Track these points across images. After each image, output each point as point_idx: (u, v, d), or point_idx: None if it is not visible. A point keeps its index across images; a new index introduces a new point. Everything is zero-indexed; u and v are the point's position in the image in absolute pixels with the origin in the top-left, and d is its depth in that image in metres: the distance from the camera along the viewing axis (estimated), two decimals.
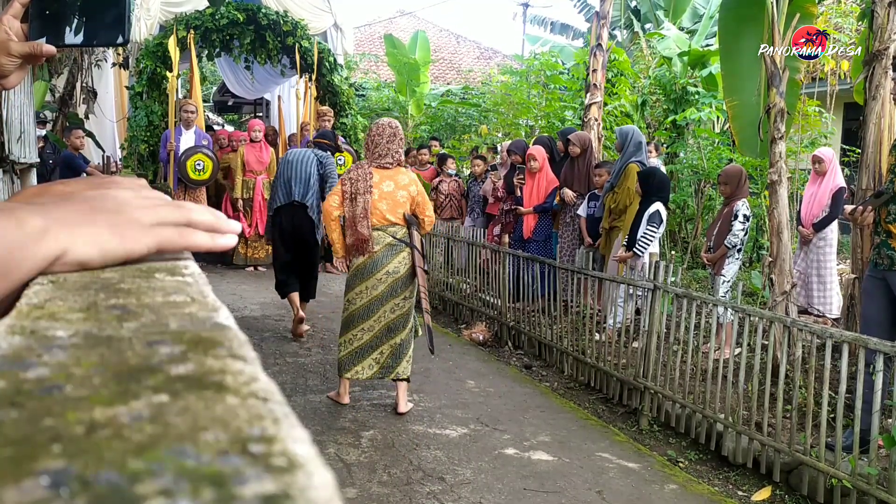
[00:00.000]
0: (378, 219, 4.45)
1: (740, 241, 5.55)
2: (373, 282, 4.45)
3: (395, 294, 4.48)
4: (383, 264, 4.45)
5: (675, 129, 9.26)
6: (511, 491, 3.60)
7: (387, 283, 4.45)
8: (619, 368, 5.16)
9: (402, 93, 14.27)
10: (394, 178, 4.50)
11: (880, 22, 4.81)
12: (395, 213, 4.47)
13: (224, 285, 7.99)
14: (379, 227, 4.46)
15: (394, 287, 4.47)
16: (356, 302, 4.50)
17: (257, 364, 0.31)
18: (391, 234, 4.47)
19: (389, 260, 4.46)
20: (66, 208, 0.46)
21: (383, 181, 4.47)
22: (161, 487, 0.21)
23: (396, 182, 4.49)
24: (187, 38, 8.94)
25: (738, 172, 5.73)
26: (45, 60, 0.89)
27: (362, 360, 4.50)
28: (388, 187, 4.47)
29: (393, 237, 4.47)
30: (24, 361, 0.29)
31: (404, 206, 4.49)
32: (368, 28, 22.94)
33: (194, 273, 0.46)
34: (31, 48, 0.88)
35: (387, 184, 4.47)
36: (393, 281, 4.46)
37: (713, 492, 3.87)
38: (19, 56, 0.87)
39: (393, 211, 4.47)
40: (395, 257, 4.47)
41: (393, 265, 4.46)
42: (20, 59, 0.88)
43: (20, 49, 0.87)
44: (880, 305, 3.98)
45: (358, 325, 4.48)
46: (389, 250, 4.47)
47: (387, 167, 4.50)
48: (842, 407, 3.68)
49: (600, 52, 7.78)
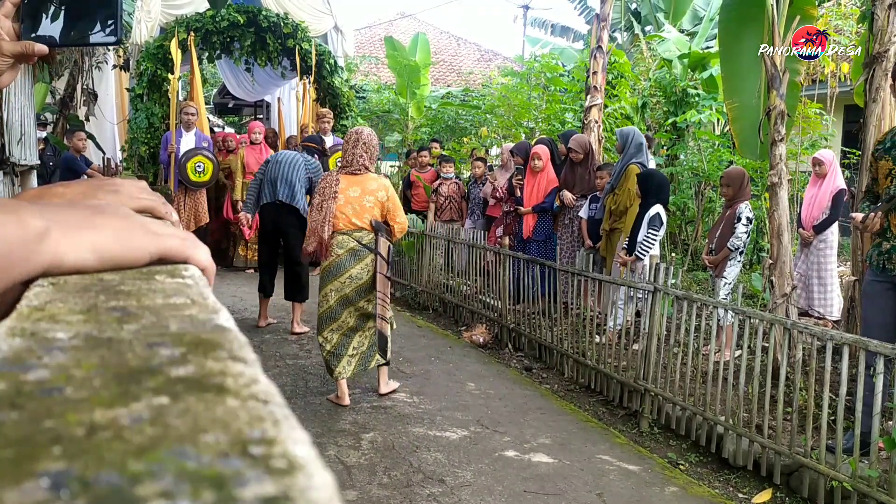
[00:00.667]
0: (344, 223, 4.53)
1: (742, 244, 5.54)
2: (337, 284, 4.57)
3: (360, 297, 4.60)
4: (346, 268, 4.55)
5: (676, 131, 9.26)
6: (511, 493, 3.60)
7: (351, 286, 4.56)
8: (619, 371, 5.16)
9: (403, 95, 14.27)
10: (361, 183, 4.57)
11: (880, 24, 4.81)
12: (361, 217, 4.54)
13: (224, 287, 7.99)
14: (345, 231, 4.54)
15: (358, 291, 4.58)
16: (323, 304, 4.64)
17: (257, 366, 0.31)
18: (356, 239, 4.54)
19: (353, 264, 4.55)
20: (71, 212, 0.46)
21: (350, 187, 4.56)
22: (161, 489, 0.21)
23: (364, 188, 4.56)
24: (188, 40, 8.95)
25: (741, 174, 5.72)
26: (37, 60, 0.89)
27: (340, 360, 4.61)
28: (355, 192, 4.55)
29: (358, 242, 4.53)
30: (24, 363, 0.29)
31: (371, 212, 4.55)
32: (369, 30, 22.97)
33: (194, 275, 0.46)
34: (23, 48, 0.88)
35: (353, 189, 4.55)
36: (357, 286, 4.56)
37: (714, 494, 3.87)
38: (11, 56, 0.87)
39: (359, 215, 4.53)
40: (358, 262, 4.55)
41: (356, 270, 4.55)
42: (12, 58, 0.88)
43: (12, 49, 0.87)
44: (883, 309, 3.97)
45: (328, 326, 4.61)
46: (353, 255, 4.55)
47: (354, 173, 4.58)
48: (842, 409, 3.68)
49: (600, 55, 7.78)
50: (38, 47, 0.88)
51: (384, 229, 4.56)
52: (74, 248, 0.43)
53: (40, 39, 0.90)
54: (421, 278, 8.18)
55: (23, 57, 0.88)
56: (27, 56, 0.88)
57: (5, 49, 0.87)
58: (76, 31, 0.92)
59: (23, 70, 5.24)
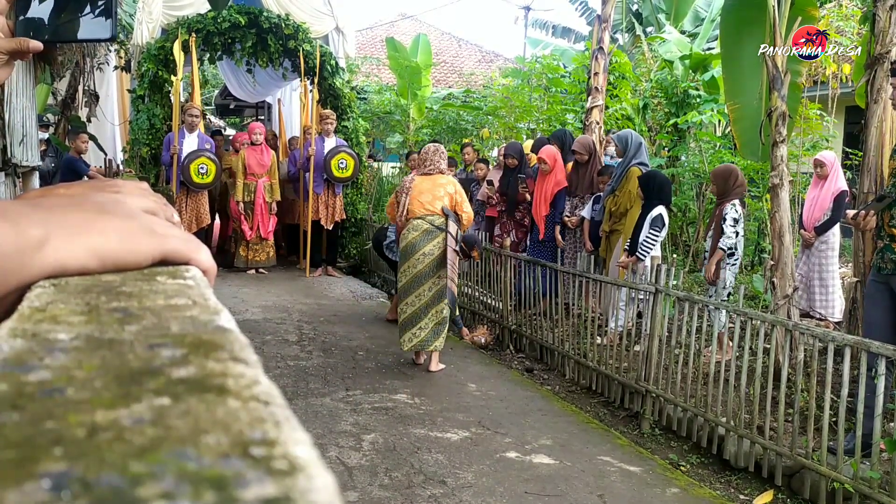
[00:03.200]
0: (419, 209, 5.41)
1: (735, 244, 5.50)
2: (413, 261, 5.40)
3: (433, 273, 5.38)
4: (420, 247, 5.37)
5: (677, 132, 9.26)
6: (512, 494, 3.60)
7: (424, 262, 5.37)
8: (620, 372, 5.15)
9: (404, 96, 14.28)
10: (433, 180, 5.52)
11: (882, 25, 4.81)
12: (434, 205, 5.40)
13: (225, 288, 8.00)
14: (419, 216, 5.40)
15: (431, 267, 5.37)
16: (402, 279, 5.50)
17: (259, 367, 0.31)
18: (429, 222, 5.39)
19: (426, 243, 5.37)
20: (73, 214, 0.45)
21: (423, 182, 5.50)
22: (162, 490, 0.21)
23: (435, 182, 5.49)
24: (189, 42, 8.95)
25: (725, 172, 5.67)
26: (38, 61, 0.89)
27: (405, 332, 5.44)
28: (428, 185, 5.47)
29: (431, 224, 5.39)
30: (25, 364, 0.29)
31: (442, 200, 5.41)
32: (370, 31, 22.97)
33: (195, 276, 0.46)
34: (17, 44, 0.87)
35: (426, 183, 5.48)
36: (430, 261, 5.37)
37: (715, 496, 3.87)
38: (5, 52, 0.87)
39: (431, 203, 5.40)
40: (431, 241, 5.37)
41: (429, 248, 5.37)
42: (6, 55, 0.88)
43: (6, 45, 0.87)
44: (884, 310, 3.97)
45: (403, 300, 5.47)
46: (426, 235, 5.38)
47: (429, 174, 5.54)
48: (844, 411, 3.67)
49: (602, 56, 7.78)
50: (33, 44, 0.88)
51: (453, 215, 5.40)
52: (76, 255, 0.43)
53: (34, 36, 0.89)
54: None
55: (17, 53, 0.88)
56: (22, 52, 0.88)
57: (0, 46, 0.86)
58: (71, 26, 0.92)
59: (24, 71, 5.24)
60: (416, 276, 5.36)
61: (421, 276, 5.36)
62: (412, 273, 5.38)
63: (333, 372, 5.37)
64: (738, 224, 5.50)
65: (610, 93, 9.13)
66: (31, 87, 5.37)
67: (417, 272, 5.36)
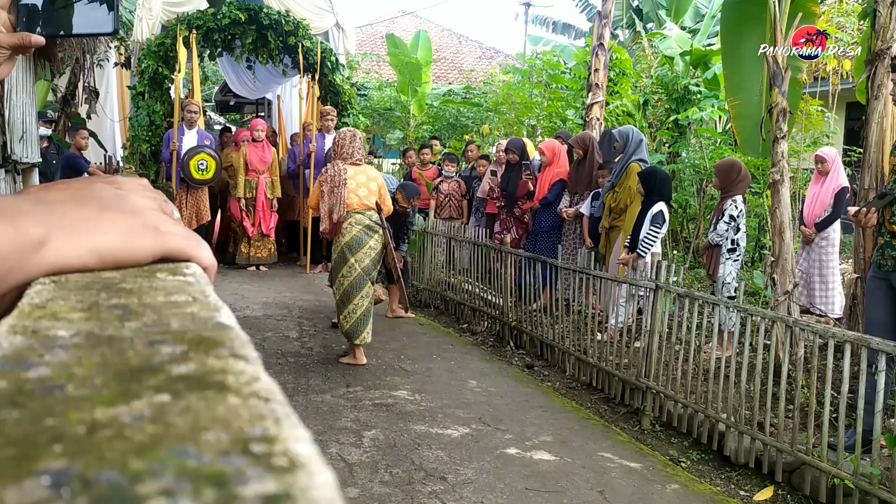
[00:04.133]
0: (357, 204, 5.30)
1: (730, 242, 5.50)
2: (360, 256, 5.30)
3: (373, 268, 5.39)
4: (365, 241, 5.32)
5: (677, 128, 9.25)
6: (513, 491, 3.60)
7: (371, 257, 5.34)
8: (620, 368, 5.16)
9: (404, 92, 14.26)
10: (365, 172, 5.39)
11: (882, 21, 4.80)
12: (370, 200, 5.33)
13: (226, 285, 8.00)
14: (358, 211, 5.31)
15: (374, 262, 5.38)
16: (349, 274, 5.32)
17: (259, 364, 0.31)
18: (368, 217, 5.33)
19: (369, 238, 5.34)
20: (74, 212, 0.45)
21: (357, 175, 5.34)
22: (162, 487, 0.21)
23: (367, 175, 5.39)
24: (189, 38, 8.95)
25: (728, 166, 5.67)
26: (39, 58, 0.89)
27: (367, 325, 5.35)
28: (362, 179, 5.35)
29: (369, 219, 5.34)
30: (25, 361, 0.29)
31: (375, 195, 5.36)
32: (370, 28, 22.94)
33: (196, 273, 0.46)
34: (19, 39, 0.87)
35: (360, 176, 5.35)
36: (375, 255, 5.36)
37: (715, 492, 3.87)
38: (8, 47, 0.87)
39: (368, 198, 5.32)
40: (372, 236, 5.36)
41: (373, 242, 5.36)
42: (9, 49, 0.87)
43: (9, 40, 0.87)
44: (884, 306, 3.97)
45: (357, 294, 5.31)
46: (368, 230, 5.33)
47: (357, 164, 5.38)
48: (844, 407, 3.68)
49: (602, 52, 7.77)
50: (35, 38, 0.88)
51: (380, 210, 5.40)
52: (76, 253, 0.43)
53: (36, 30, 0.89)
54: (422, 276, 8.18)
55: (20, 48, 0.88)
56: (24, 47, 0.88)
57: (2, 41, 0.86)
58: (74, 21, 0.92)
59: (24, 67, 5.24)
60: (364, 270, 5.32)
61: (368, 270, 5.33)
62: (360, 268, 5.30)
63: (334, 368, 5.37)
64: (737, 221, 5.50)
65: (610, 89, 9.12)
66: (31, 83, 5.36)
67: (365, 267, 5.32)
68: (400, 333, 6.55)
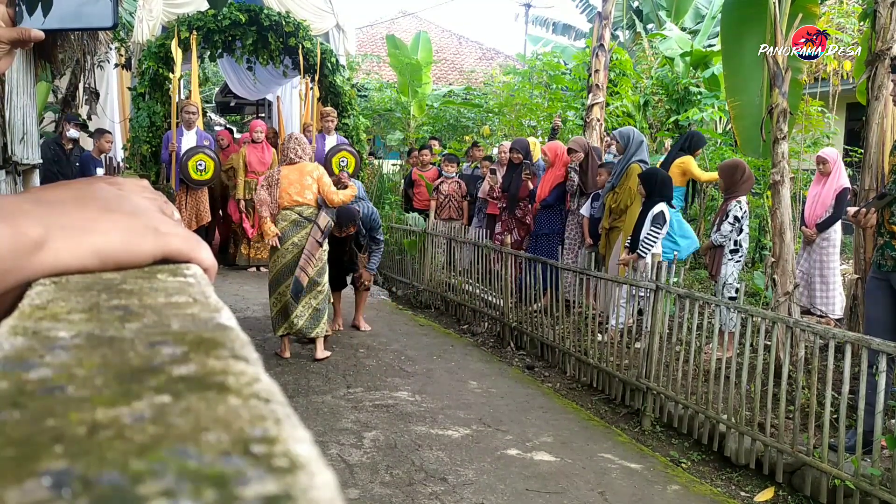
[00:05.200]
0: (288, 201, 5.44)
1: (732, 243, 5.50)
2: (282, 251, 5.44)
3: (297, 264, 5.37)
4: (290, 237, 5.43)
5: (678, 129, 9.25)
6: (513, 492, 3.60)
7: (293, 252, 5.41)
8: (621, 369, 5.16)
9: (405, 93, 14.27)
10: (300, 169, 5.50)
11: (883, 22, 4.80)
12: (303, 195, 5.43)
13: (226, 286, 7.99)
14: (288, 206, 5.44)
15: (298, 257, 5.40)
16: (272, 269, 5.52)
17: (259, 365, 0.31)
18: (297, 213, 5.44)
19: (295, 233, 5.43)
20: (75, 212, 0.45)
21: (291, 173, 5.49)
22: (163, 488, 0.21)
23: (301, 171, 5.50)
24: (189, 39, 8.95)
25: (731, 166, 5.67)
26: (39, 58, 0.89)
27: (288, 318, 5.42)
28: (295, 176, 5.48)
29: (299, 215, 5.43)
30: (26, 362, 0.29)
31: (311, 189, 5.45)
32: (370, 29, 22.96)
33: (196, 274, 0.46)
34: (19, 33, 0.87)
35: (294, 174, 5.49)
36: (298, 251, 5.41)
37: (716, 492, 3.87)
38: (7, 41, 0.87)
39: (300, 193, 5.43)
40: (300, 231, 5.43)
41: (298, 238, 5.43)
42: (8, 44, 0.87)
43: (8, 35, 0.87)
44: (884, 307, 3.97)
45: (274, 291, 5.50)
46: (295, 225, 5.43)
47: (293, 163, 5.52)
48: (845, 407, 3.67)
49: (602, 53, 7.77)
50: (35, 32, 0.88)
51: (328, 209, 5.46)
52: (76, 254, 0.43)
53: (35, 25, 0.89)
54: (423, 277, 8.18)
55: (19, 42, 0.88)
56: (23, 41, 0.88)
57: (1, 35, 0.86)
58: (72, 15, 0.92)
59: (25, 69, 5.24)
60: (285, 265, 5.42)
61: (290, 265, 5.41)
62: (281, 263, 5.44)
63: (334, 369, 5.37)
64: (740, 222, 5.50)
65: (611, 90, 9.13)
66: (32, 84, 5.37)
67: (286, 262, 5.42)
68: (400, 334, 6.55)
